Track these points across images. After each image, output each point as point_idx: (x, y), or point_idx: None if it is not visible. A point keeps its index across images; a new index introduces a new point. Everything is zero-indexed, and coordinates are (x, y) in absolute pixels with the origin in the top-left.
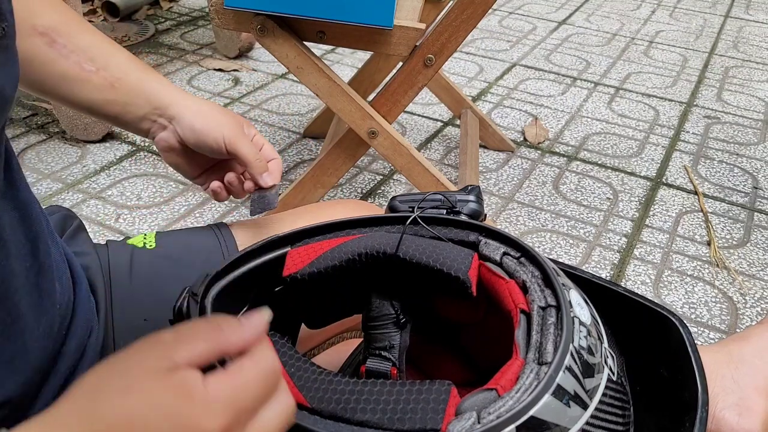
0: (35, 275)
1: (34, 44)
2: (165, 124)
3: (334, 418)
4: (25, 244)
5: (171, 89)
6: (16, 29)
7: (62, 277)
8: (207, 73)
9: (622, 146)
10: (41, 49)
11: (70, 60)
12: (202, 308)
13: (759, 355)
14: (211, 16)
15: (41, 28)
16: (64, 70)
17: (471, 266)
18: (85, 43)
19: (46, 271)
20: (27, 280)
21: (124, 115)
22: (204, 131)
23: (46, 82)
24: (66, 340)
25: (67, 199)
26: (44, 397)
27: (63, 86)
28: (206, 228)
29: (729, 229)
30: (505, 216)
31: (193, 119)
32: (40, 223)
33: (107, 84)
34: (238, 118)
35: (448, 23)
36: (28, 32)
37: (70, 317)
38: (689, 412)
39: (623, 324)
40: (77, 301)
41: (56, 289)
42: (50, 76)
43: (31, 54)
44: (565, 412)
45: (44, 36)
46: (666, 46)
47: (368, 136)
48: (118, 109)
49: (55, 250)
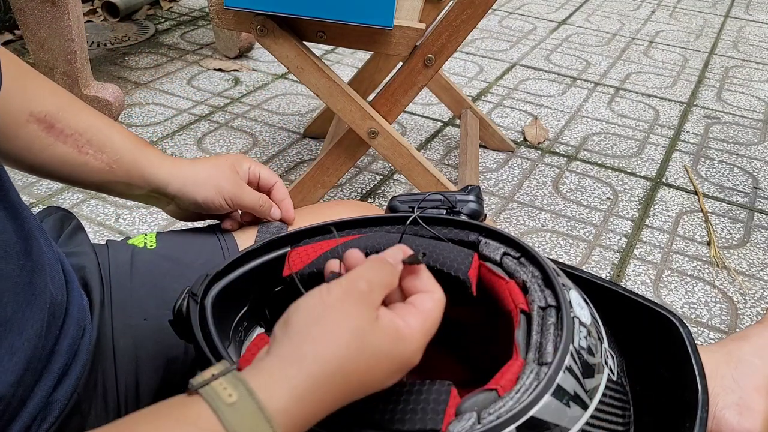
0: (29, 274)
1: (31, 131)
2: (168, 201)
3: (334, 418)
4: (16, 242)
5: (165, 165)
6: (11, 115)
7: (54, 277)
8: (207, 73)
9: (622, 146)
10: (38, 135)
11: (67, 144)
12: (201, 308)
13: (758, 354)
14: (211, 16)
15: (38, 114)
16: (62, 154)
17: (471, 266)
18: (82, 125)
19: (40, 270)
20: (20, 279)
21: (128, 195)
22: (207, 202)
23: (45, 167)
24: (59, 340)
25: (67, 199)
26: (38, 395)
27: (64, 170)
28: (207, 228)
29: (729, 229)
30: (505, 216)
31: (193, 193)
32: (30, 222)
33: (105, 167)
34: (230, 162)
35: (448, 23)
36: (26, 119)
37: (62, 317)
38: (689, 412)
39: (623, 324)
40: (70, 300)
41: (48, 289)
42: (50, 160)
43: (29, 141)
44: (565, 412)
45: (41, 122)
46: (666, 46)
47: (368, 136)
48: (121, 189)
49: (47, 249)
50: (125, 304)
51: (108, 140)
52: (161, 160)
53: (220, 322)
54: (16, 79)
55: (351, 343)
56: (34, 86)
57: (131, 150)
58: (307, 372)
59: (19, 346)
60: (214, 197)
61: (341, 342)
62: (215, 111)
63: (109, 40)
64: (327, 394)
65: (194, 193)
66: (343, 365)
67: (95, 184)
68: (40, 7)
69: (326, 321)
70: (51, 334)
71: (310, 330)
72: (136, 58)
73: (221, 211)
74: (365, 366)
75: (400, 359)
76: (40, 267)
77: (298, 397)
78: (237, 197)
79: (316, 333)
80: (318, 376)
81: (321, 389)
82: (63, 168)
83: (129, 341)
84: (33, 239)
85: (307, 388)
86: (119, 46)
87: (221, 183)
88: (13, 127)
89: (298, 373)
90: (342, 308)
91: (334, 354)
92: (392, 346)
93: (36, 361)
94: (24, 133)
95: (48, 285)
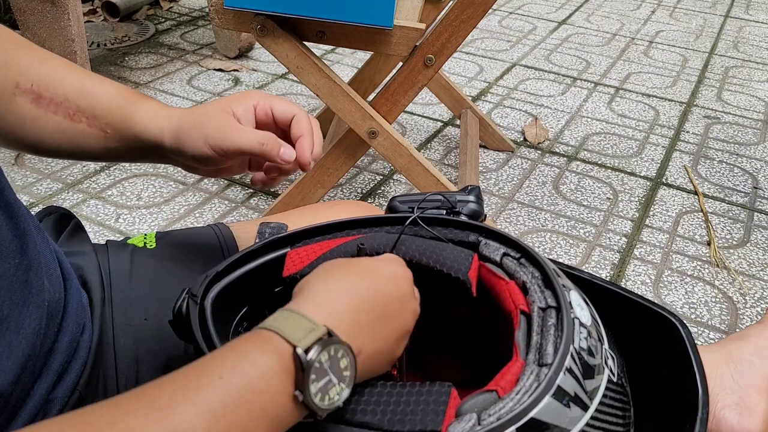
0: (24, 272)
1: (19, 105)
2: (170, 156)
3: (334, 419)
4: (12, 240)
5: (158, 118)
6: (1, 92)
7: (52, 275)
8: (207, 73)
9: (622, 146)
10: (28, 108)
11: (59, 114)
12: (201, 309)
13: (758, 354)
14: (211, 16)
15: (24, 85)
16: (56, 125)
17: (471, 267)
18: (70, 90)
19: (36, 268)
20: (15, 278)
21: (131, 159)
22: (195, 154)
23: (45, 142)
24: (57, 337)
25: (67, 199)
26: (37, 393)
27: (63, 143)
28: (206, 228)
29: (729, 229)
30: (505, 216)
31: (180, 146)
32: (26, 220)
33: (101, 132)
34: (223, 103)
35: (448, 23)
36: (13, 92)
37: (61, 314)
38: (690, 412)
39: (623, 325)
40: (68, 297)
41: (45, 287)
42: (46, 133)
43: (20, 115)
44: (566, 413)
45: (29, 93)
46: (666, 46)
47: (368, 136)
48: (123, 153)
49: (44, 248)
50: (125, 304)
51: (98, 102)
52: (154, 112)
53: (219, 322)
54: (4, 51)
55: (358, 270)
56: (21, 57)
57: (120, 108)
58: (315, 289)
59: (16, 345)
60: (201, 147)
61: (351, 276)
62: None
63: (109, 40)
64: (343, 293)
65: (182, 146)
66: (336, 272)
67: (101, 153)
68: (40, 7)
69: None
70: (49, 332)
71: (310, 279)
72: (136, 58)
73: (217, 164)
74: (362, 268)
75: (398, 269)
76: (36, 265)
77: (320, 302)
78: (225, 142)
79: (327, 278)
80: (323, 285)
81: (337, 292)
82: (61, 141)
83: (129, 341)
84: (28, 237)
85: (324, 292)
86: (119, 46)
87: (206, 129)
88: (3, 101)
89: (311, 291)
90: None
91: (348, 280)
92: (381, 261)
93: (35, 359)
94: (14, 107)
95: (45, 283)
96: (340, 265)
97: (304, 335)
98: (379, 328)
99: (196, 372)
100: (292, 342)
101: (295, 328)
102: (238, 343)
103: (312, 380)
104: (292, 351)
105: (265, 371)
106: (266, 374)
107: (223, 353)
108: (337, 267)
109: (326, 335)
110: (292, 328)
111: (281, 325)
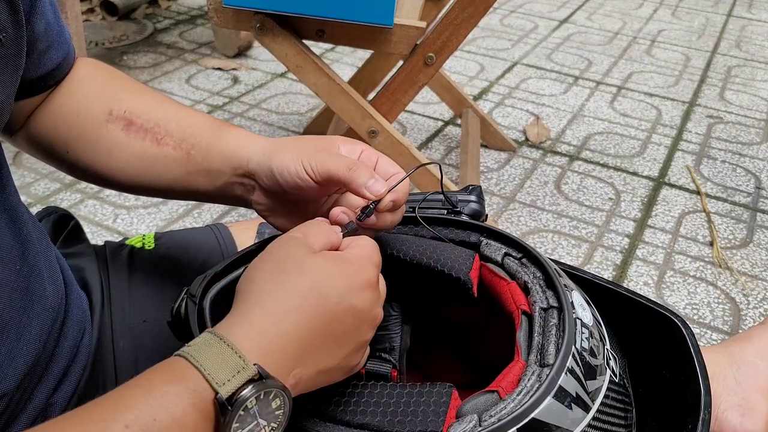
0: (25, 279)
1: (110, 132)
2: (253, 184)
3: (334, 420)
4: (13, 247)
5: (246, 139)
6: (92, 118)
7: (54, 280)
8: (206, 72)
9: (624, 146)
10: (117, 135)
11: (147, 139)
12: (200, 310)
13: (761, 355)
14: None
15: (118, 112)
16: (141, 151)
17: (472, 267)
18: (162, 117)
19: (37, 275)
20: (17, 285)
21: (210, 186)
22: (281, 168)
23: (127, 170)
24: (59, 342)
25: (65, 199)
26: (37, 398)
27: (143, 168)
28: (205, 228)
29: (732, 229)
30: (506, 216)
31: (268, 160)
32: (29, 226)
33: (184, 155)
34: (327, 140)
35: (449, 22)
36: (106, 119)
37: (62, 320)
38: (692, 413)
39: (625, 325)
40: (69, 303)
41: (47, 293)
42: (129, 160)
43: (109, 142)
44: (567, 414)
45: (121, 119)
46: (668, 45)
47: (368, 135)
48: (201, 180)
49: (46, 253)
50: (124, 306)
51: (189, 126)
52: (243, 134)
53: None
54: (102, 84)
55: (287, 262)
56: (118, 87)
57: (210, 129)
58: (255, 302)
59: (18, 351)
60: (289, 161)
61: (272, 266)
62: (214, 110)
63: (108, 39)
64: (286, 315)
65: (269, 159)
66: (283, 280)
67: (174, 180)
68: None
69: (263, 259)
70: (51, 338)
71: (253, 277)
72: (134, 57)
73: (307, 189)
74: (311, 282)
75: (356, 279)
76: (38, 271)
77: (258, 327)
78: (318, 160)
79: (255, 275)
80: (266, 302)
81: (279, 313)
82: (142, 166)
83: (128, 343)
84: (30, 243)
85: (263, 315)
86: (117, 45)
87: (304, 145)
88: (95, 128)
89: (249, 306)
90: (277, 246)
91: (270, 276)
92: (339, 268)
93: (36, 365)
94: (104, 134)
95: (46, 289)
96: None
97: (230, 376)
98: (331, 347)
99: (103, 415)
100: (213, 386)
101: (220, 366)
102: (152, 378)
103: (235, 428)
104: (213, 396)
105: (178, 418)
106: (180, 421)
107: (133, 393)
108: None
109: (257, 375)
110: (216, 366)
111: (204, 358)
